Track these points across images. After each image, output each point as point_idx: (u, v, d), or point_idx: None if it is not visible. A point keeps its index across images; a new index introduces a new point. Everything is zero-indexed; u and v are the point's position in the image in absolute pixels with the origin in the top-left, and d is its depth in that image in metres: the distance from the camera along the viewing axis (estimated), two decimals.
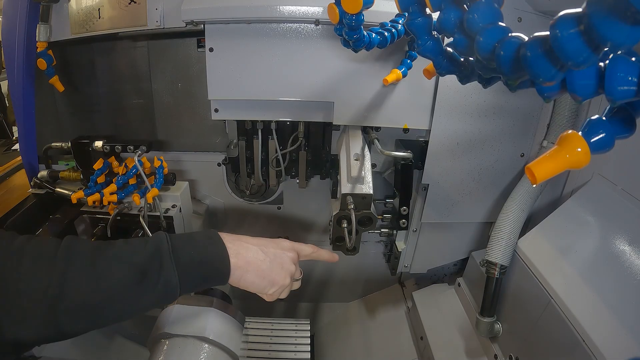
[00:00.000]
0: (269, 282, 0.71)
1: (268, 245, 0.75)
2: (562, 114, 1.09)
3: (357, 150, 1.13)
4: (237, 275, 0.68)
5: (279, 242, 0.78)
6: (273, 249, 0.74)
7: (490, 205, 1.29)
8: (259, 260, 0.70)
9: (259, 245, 0.73)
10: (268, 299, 0.75)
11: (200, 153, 1.42)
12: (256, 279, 0.70)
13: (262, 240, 0.75)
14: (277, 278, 0.72)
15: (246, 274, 0.69)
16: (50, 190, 1.32)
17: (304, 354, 1.04)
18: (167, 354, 0.84)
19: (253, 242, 0.73)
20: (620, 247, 0.87)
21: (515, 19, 1.04)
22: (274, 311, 1.84)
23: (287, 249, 0.77)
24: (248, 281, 0.69)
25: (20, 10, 1.15)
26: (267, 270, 0.71)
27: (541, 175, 0.40)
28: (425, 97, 1.15)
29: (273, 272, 0.71)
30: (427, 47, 0.65)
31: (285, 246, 0.77)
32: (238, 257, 0.68)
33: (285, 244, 0.78)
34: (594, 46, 0.32)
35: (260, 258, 0.71)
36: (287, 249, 0.77)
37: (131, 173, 1.20)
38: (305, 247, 0.81)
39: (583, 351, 0.78)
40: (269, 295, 0.74)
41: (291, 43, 1.09)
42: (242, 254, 0.69)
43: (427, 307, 1.43)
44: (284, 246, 0.77)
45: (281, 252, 0.75)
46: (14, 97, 1.25)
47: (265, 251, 0.73)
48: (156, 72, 1.29)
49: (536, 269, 0.98)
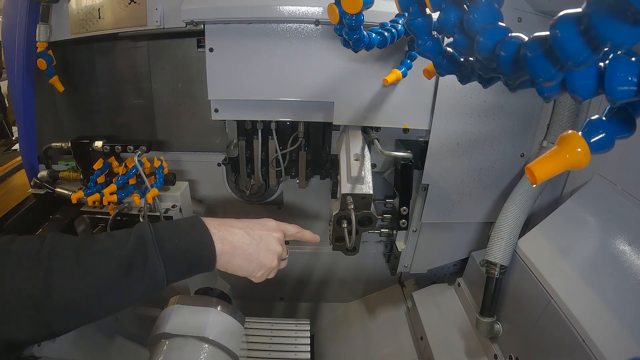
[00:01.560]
0: (256, 265, 0.71)
1: (254, 227, 0.73)
2: (562, 114, 1.09)
3: (357, 150, 1.13)
4: (223, 261, 0.67)
5: (265, 222, 0.77)
6: (259, 231, 0.73)
7: (490, 205, 1.29)
8: (245, 244, 0.70)
9: (244, 228, 0.72)
10: (256, 281, 0.75)
11: (200, 153, 1.42)
12: (243, 263, 0.69)
13: (247, 222, 0.74)
14: (265, 261, 0.72)
15: (233, 259, 0.68)
16: (50, 190, 1.32)
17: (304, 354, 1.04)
18: (167, 354, 0.84)
19: (238, 226, 0.71)
20: (620, 247, 0.87)
21: (515, 19, 1.04)
22: (274, 311, 1.84)
23: (273, 230, 0.76)
24: (235, 265, 0.69)
25: (20, 10, 1.15)
26: (254, 254, 0.70)
27: (541, 175, 0.40)
28: (425, 97, 1.15)
29: (260, 255, 0.71)
30: (427, 47, 0.65)
31: (271, 227, 0.76)
32: (224, 243, 0.67)
33: (271, 225, 0.77)
34: (594, 46, 0.32)
35: (246, 242, 0.70)
36: (273, 230, 0.76)
37: (131, 173, 1.21)
38: (290, 227, 0.81)
39: (583, 351, 0.78)
40: (257, 277, 0.73)
41: (291, 43, 1.09)
42: (227, 239, 0.68)
43: (427, 307, 1.43)
44: (270, 227, 0.76)
45: (267, 234, 0.74)
46: (14, 97, 1.25)
47: (251, 234, 0.72)
48: (156, 72, 1.29)
49: (536, 269, 0.98)
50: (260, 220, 0.76)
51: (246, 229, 0.72)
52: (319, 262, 1.69)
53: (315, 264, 1.70)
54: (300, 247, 1.65)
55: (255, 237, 0.72)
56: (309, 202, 1.54)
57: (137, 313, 1.48)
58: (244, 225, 0.72)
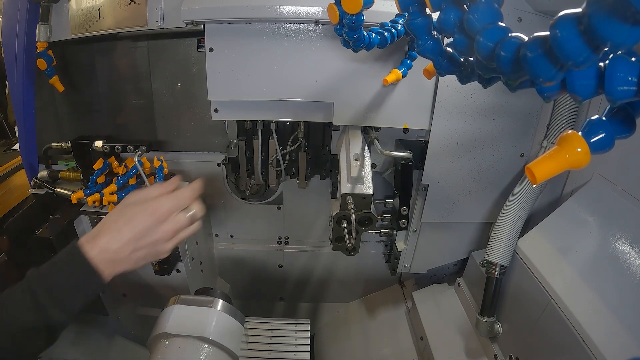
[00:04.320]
0: (152, 254, 0.69)
1: (135, 217, 0.68)
2: (562, 114, 1.09)
3: (357, 150, 1.13)
4: (114, 271, 0.66)
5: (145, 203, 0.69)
6: (141, 219, 0.67)
7: (490, 205, 1.29)
8: (129, 249, 0.66)
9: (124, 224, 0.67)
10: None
11: (200, 153, 1.42)
12: (135, 263, 0.68)
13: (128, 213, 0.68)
14: (157, 245, 0.69)
15: (121, 266, 0.67)
16: (50, 190, 1.32)
17: (304, 354, 1.04)
18: (167, 354, 0.84)
19: (117, 228, 0.67)
20: (620, 247, 0.87)
21: (515, 19, 1.04)
22: (274, 311, 1.84)
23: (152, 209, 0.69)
24: (129, 266, 0.68)
25: (20, 10, 1.15)
26: (142, 247, 0.67)
27: (541, 175, 0.40)
28: (425, 97, 1.15)
29: (148, 242, 0.67)
30: (427, 47, 0.65)
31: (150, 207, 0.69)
32: (107, 266, 0.65)
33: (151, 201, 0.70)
34: (594, 46, 0.32)
35: (129, 246, 0.66)
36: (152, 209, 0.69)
37: (131, 173, 1.21)
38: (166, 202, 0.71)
39: (583, 351, 0.78)
40: (166, 251, 0.71)
41: (291, 43, 1.09)
42: (108, 257, 0.65)
43: (427, 307, 1.43)
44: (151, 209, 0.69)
45: (148, 220, 0.67)
46: (14, 97, 1.25)
47: (132, 230, 0.66)
48: (156, 72, 1.29)
49: (536, 269, 0.98)
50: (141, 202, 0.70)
51: (127, 225, 0.67)
52: (319, 262, 1.69)
53: (315, 264, 1.70)
54: (300, 247, 1.65)
55: (137, 231, 0.67)
56: (309, 202, 1.54)
57: (137, 313, 1.48)
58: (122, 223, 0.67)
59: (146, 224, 0.67)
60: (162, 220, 0.69)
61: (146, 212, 0.68)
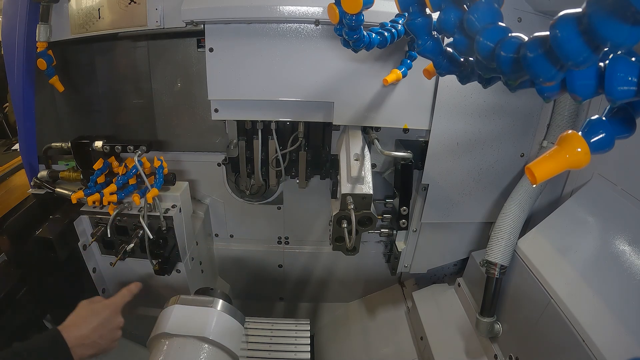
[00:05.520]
0: (112, 338, 0.93)
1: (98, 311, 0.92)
2: (562, 114, 1.09)
3: (357, 150, 1.13)
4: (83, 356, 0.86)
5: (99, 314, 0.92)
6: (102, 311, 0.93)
7: (490, 205, 1.29)
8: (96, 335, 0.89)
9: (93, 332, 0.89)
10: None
11: (200, 153, 1.42)
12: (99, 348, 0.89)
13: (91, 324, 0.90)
14: (113, 332, 0.94)
15: (88, 350, 0.87)
16: (50, 190, 1.32)
17: (304, 354, 1.04)
18: (167, 354, 0.84)
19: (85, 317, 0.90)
20: (620, 247, 0.87)
21: (515, 19, 1.05)
22: (274, 311, 1.84)
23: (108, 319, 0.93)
24: (93, 352, 0.88)
25: (20, 10, 1.15)
26: (105, 334, 0.91)
27: (541, 175, 0.40)
28: (425, 97, 1.15)
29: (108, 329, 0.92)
30: (427, 47, 0.65)
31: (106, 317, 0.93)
32: (78, 350, 0.84)
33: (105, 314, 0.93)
34: (594, 46, 0.32)
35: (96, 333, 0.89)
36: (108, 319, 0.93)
37: (131, 173, 1.21)
38: (118, 297, 1.00)
39: (583, 351, 0.78)
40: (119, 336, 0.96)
41: (291, 43, 1.09)
42: (79, 342, 0.85)
43: (427, 307, 1.43)
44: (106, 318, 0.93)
45: (106, 311, 0.94)
46: (14, 97, 1.25)
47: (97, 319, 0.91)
48: (156, 72, 1.29)
49: (536, 269, 0.98)
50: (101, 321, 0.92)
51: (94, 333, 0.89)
52: (319, 262, 1.69)
53: (315, 264, 1.70)
54: (300, 247, 1.65)
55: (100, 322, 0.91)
56: (309, 202, 1.54)
57: (137, 313, 1.48)
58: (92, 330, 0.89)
59: (105, 315, 0.92)
60: (117, 312, 0.96)
61: (105, 306, 0.94)
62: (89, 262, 1.28)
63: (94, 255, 1.31)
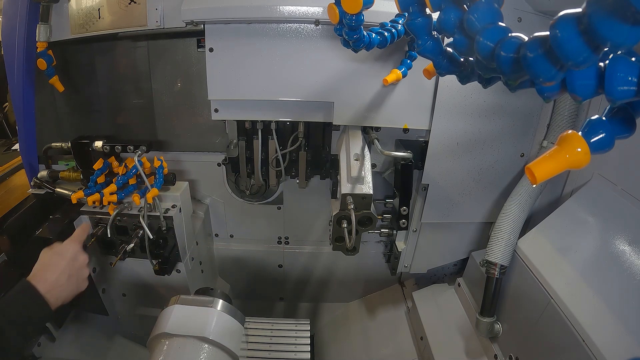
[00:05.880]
0: (80, 278, 0.98)
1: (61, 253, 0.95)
2: (562, 114, 1.09)
3: (357, 150, 1.13)
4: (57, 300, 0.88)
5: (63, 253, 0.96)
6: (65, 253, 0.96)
7: (490, 205, 1.29)
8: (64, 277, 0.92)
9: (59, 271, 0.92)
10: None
11: (200, 153, 1.42)
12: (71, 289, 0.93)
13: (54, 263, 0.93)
14: (80, 270, 0.98)
15: (61, 292, 0.89)
16: (50, 190, 1.32)
17: (304, 354, 1.04)
18: (167, 354, 0.84)
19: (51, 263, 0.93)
20: (620, 247, 0.87)
21: (515, 19, 1.05)
22: (274, 311, 1.84)
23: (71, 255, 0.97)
24: (67, 293, 0.91)
25: (20, 10, 1.15)
26: (72, 274, 0.95)
27: (541, 175, 0.40)
28: (425, 97, 1.15)
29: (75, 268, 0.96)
30: (427, 47, 0.65)
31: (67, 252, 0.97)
32: (51, 296, 0.86)
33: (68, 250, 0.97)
34: (594, 46, 0.32)
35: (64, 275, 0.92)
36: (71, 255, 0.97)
37: (131, 173, 1.21)
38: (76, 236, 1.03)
39: (583, 351, 0.78)
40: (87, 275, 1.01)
41: (291, 43, 1.09)
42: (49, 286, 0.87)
43: (427, 307, 1.43)
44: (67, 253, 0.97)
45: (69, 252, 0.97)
46: (14, 97, 1.25)
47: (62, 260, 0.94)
48: (156, 72, 1.29)
49: (536, 269, 0.98)
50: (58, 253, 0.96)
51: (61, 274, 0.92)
52: (319, 262, 1.69)
53: (315, 264, 1.70)
54: (300, 247, 1.65)
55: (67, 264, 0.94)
56: (309, 202, 1.54)
57: (137, 313, 1.48)
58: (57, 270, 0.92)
59: (68, 255, 0.96)
60: (79, 250, 1.00)
61: (66, 248, 0.98)
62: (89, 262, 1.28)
63: (94, 255, 1.31)
